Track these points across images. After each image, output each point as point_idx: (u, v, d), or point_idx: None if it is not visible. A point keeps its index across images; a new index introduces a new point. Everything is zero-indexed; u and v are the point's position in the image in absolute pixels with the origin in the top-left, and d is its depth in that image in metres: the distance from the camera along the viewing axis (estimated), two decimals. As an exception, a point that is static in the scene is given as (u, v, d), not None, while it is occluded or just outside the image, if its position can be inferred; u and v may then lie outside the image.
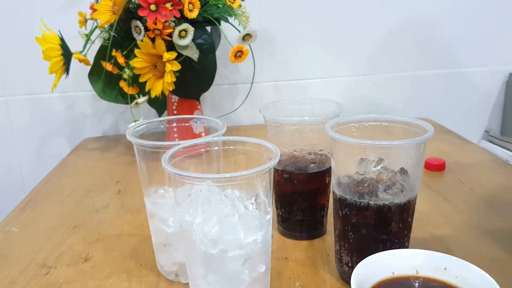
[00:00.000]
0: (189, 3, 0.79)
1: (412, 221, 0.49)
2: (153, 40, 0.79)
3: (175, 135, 0.66)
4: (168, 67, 0.79)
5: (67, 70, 0.87)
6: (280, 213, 0.61)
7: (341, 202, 0.48)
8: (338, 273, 0.52)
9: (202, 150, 0.48)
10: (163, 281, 0.53)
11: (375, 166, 0.46)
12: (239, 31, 0.84)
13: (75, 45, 0.87)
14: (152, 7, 0.76)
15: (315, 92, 1.12)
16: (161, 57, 0.79)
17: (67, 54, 0.85)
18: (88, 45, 0.86)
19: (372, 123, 0.51)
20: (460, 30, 1.11)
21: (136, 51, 0.79)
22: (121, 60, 0.82)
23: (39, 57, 0.83)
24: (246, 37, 0.83)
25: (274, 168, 0.50)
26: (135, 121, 0.85)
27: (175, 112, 0.91)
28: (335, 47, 1.10)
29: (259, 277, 0.43)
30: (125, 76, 0.83)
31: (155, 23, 0.77)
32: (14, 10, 1.02)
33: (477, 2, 1.09)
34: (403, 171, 0.46)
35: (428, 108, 1.15)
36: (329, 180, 0.59)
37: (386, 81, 1.13)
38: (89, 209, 0.72)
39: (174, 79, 0.80)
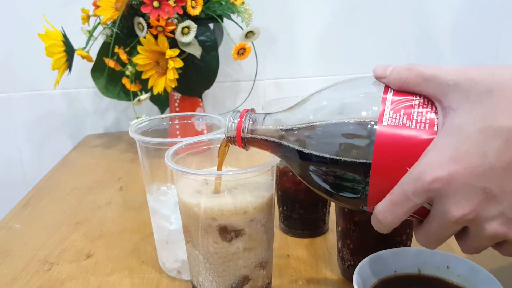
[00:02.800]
0: (192, 0, 0.79)
1: (414, 220, 0.49)
2: (155, 37, 0.79)
3: (178, 132, 0.66)
4: (171, 64, 0.79)
5: (69, 66, 0.87)
6: (282, 210, 0.61)
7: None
8: (340, 271, 0.52)
9: (204, 147, 0.48)
10: (165, 278, 0.53)
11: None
12: (242, 29, 0.84)
13: (77, 42, 0.87)
14: (155, 4, 0.76)
15: (318, 90, 1.11)
16: (163, 54, 0.79)
17: (69, 51, 0.85)
18: (90, 42, 0.86)
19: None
20: (461, 28, 1.10)
21: (138, 48, 0.79)
22: (123, 56, 0.82)
23: (42, 53, 0.83)
24: (249, 34, 0.83)
25: (277, 165, 0.50)
26: (137, 118, 0.86)
27: (177, 109, 0.91)
28: (337, 45, 1.10)
29: (262, 274, 0.43)
30: (127, 73, 0.83)
31: (158, 20, 0.76)
32: (16, 6, 1.02)
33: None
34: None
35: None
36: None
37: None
38: (91, 206, 0.73)
39: (177, 76, 0.80)
